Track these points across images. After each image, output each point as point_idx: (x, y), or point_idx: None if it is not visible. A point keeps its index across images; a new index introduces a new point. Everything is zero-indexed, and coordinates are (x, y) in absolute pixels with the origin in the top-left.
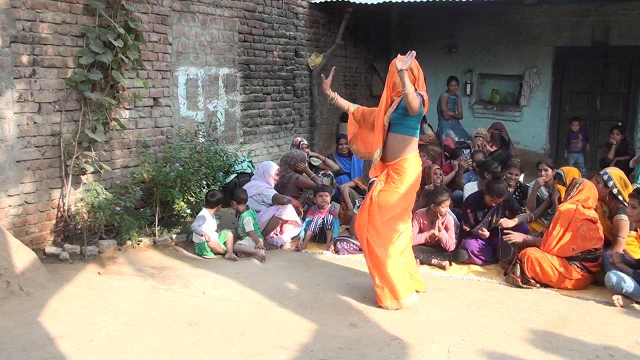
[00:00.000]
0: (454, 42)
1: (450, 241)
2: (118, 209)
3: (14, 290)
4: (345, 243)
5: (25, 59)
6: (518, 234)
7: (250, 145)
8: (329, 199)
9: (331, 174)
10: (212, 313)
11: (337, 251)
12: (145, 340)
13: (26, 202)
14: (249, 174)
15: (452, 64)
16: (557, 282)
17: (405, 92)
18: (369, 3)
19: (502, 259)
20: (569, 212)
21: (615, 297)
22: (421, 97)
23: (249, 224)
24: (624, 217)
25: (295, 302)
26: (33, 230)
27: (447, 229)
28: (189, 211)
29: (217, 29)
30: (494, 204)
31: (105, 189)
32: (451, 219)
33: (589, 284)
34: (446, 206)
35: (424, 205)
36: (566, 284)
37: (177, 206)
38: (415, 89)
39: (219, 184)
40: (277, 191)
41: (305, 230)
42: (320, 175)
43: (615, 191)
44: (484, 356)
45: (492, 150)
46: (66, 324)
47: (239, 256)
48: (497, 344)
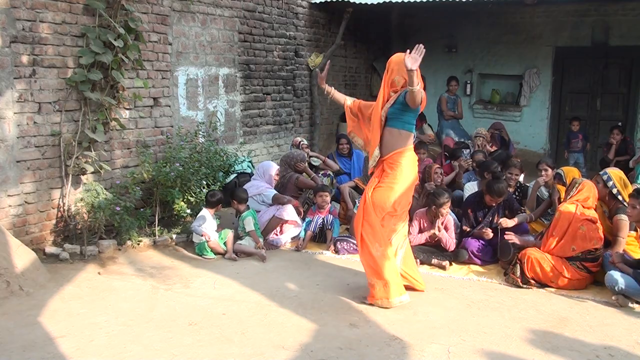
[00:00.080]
0: (454, 42)
1: (450, 241)
2: (118, 209)
3: (14, 290)
4: (345, 243)
5: (25, 59)
6: (516, 236)
7: (250, 145)
8: (329, 199)
9: (331, 174)
10: (212, 313)
11: (337, 251)
12: (145, 340)
13: (26, 202)
14: (249, 174)
15: (452, 64)
16: (557, 282)
17: (413, 89)
18: (369, 3)
19: (502, 259)
20: (569, 213)
21: (614, 297)
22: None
23: (249, 223)
24: (624, 217)
25: (295, 302)
26: (33, 230)
27: (447, 229)
28: (189, 211)
29: (217, 29)
30: (494, 204)
31: (105, 189)
32: (451, 219)
33: (589, 284)
34: (447, 208)
35: (424, 205)
36: (566, 284)
37: (177, 206)
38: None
39: (219, 184)
40: (277, 191)
41: (305, 230)
42: (320, 175)
43: (615, 191)
44: (484, 356)
45: (492, 150)
46: (66, 324)
47: (239, 256)
48: (497, 344)
